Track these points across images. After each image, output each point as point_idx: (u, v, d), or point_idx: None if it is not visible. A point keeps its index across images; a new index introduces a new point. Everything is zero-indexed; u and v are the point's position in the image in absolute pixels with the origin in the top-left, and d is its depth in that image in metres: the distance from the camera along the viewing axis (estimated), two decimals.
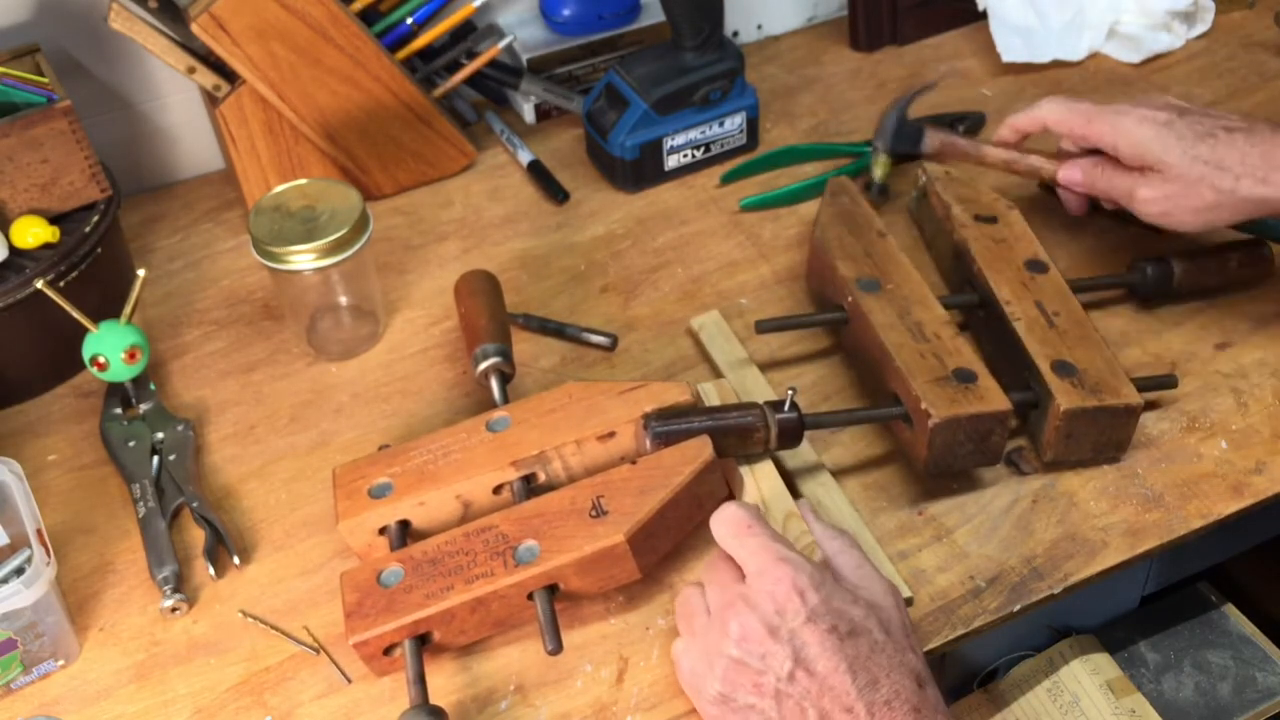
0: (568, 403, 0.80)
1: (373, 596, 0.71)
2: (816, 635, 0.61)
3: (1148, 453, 0.83)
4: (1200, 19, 1.25)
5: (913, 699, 0.60)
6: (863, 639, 0.61)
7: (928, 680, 0.62)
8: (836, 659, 0.60)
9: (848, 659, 0.60)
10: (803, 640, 0.61)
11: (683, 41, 1.05)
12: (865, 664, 0.60)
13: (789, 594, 0.62)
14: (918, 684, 0.61)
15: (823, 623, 0.61)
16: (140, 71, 1.08)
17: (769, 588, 0.63)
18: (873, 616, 0.63)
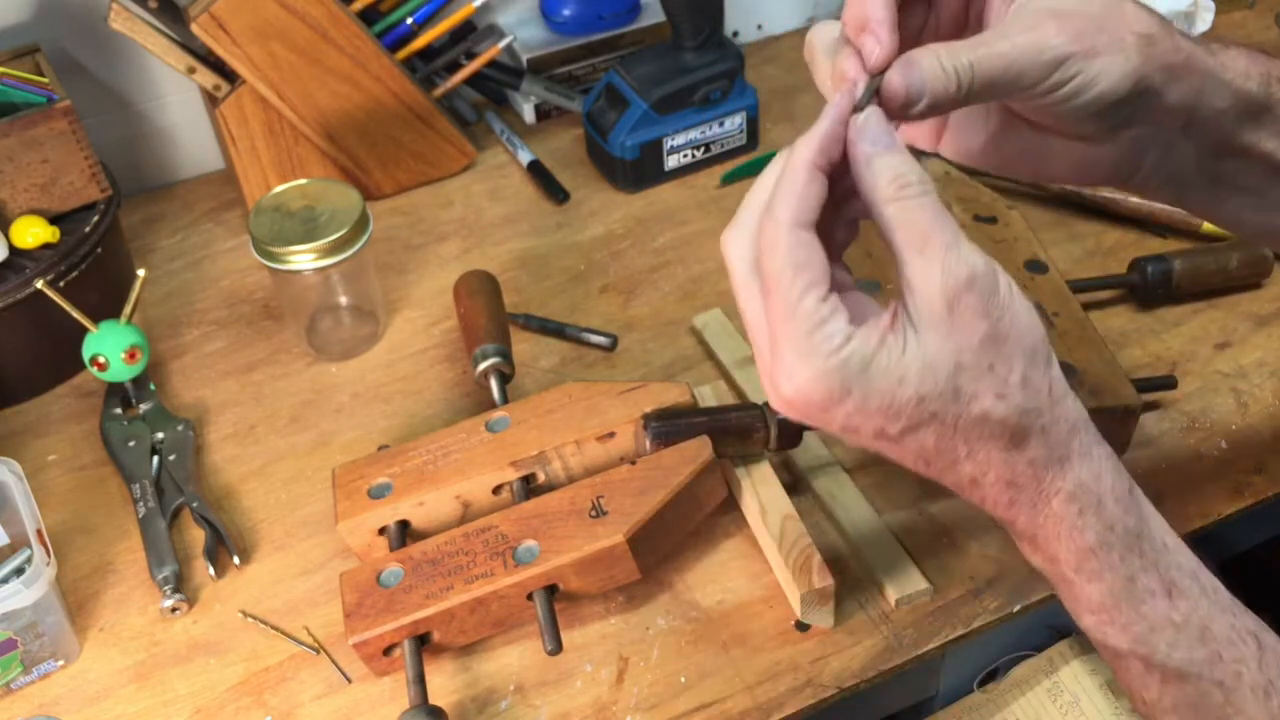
0: (567, 403, 0.80)
1: (372, 596, 0.71)
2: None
3: (1148, 453, 0.83)
4: (1200, 19, 1.25)
5: (1002, 470, 0.50)
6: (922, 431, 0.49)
7: (1033, 432, 0.49)
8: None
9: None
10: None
11: (683, 41, 1.05)
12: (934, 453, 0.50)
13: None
14: (1008, 445, 0.49)
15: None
16: (140, 71, 1.08)
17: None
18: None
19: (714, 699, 0.71)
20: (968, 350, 0.48)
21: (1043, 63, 0.51)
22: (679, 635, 0.75)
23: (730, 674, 0.72)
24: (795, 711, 0.71)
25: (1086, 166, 0.58)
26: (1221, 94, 0.55)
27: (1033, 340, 0.49)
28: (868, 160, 0.48)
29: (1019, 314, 0.48)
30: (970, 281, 0.47)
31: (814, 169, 0.48)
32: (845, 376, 0.47)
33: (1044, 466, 0.50)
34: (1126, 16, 0.53)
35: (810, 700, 0.71)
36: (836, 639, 0.74)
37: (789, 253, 0.47)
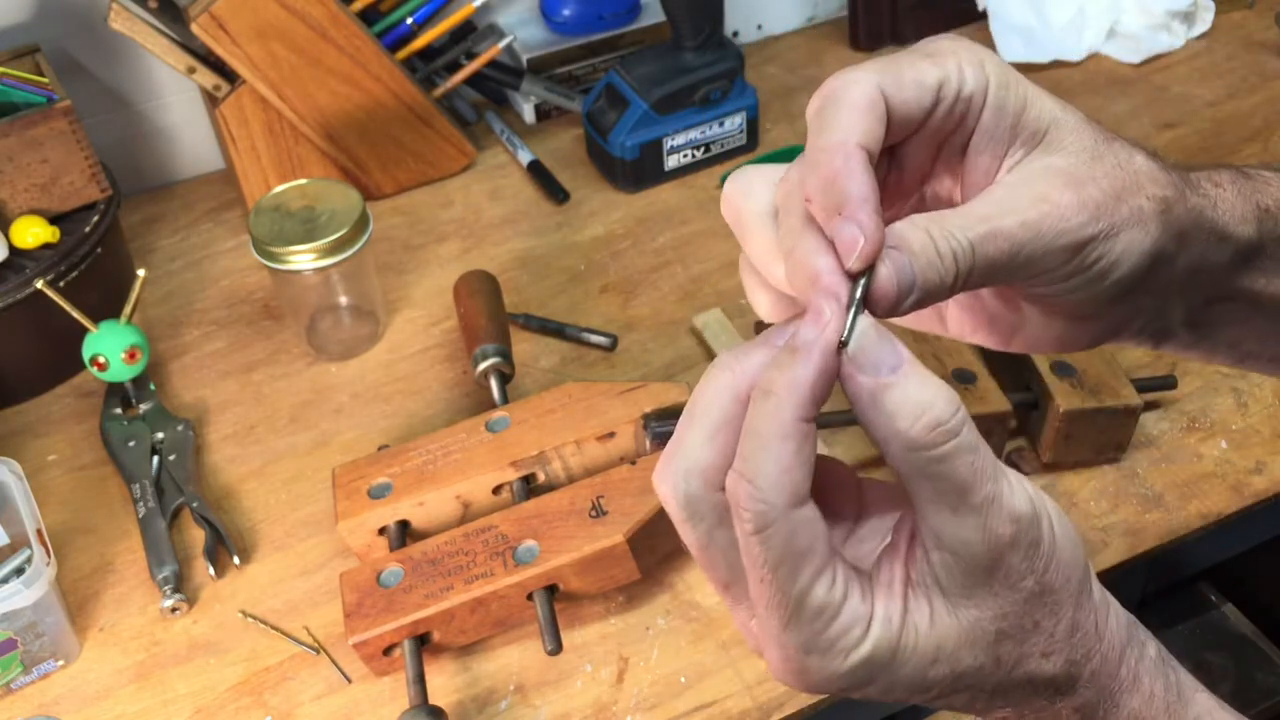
0: (567, 403, 0.80)
1: (373, 597, 0.71)
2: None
3: (1148, 453, 0.83)
4: (1200, 19, 1.25)
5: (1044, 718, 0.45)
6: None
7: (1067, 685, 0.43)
8: None
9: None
10: None
11: (683, 41, 1.05)
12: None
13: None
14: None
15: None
16: (140, 71, 1.08)
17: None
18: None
19: (714, 699, 0.71)
20: (1011, 615, 0.40)
21: (1060, 247, 0.40)
22: (679, 635, 0.75)
23: (730, 674, 0.72)
24: (795, 711, 0.71)
25: (1066, 339, 0.48)
26: (1223, 249, 0.47)
27: (1079, 578, 0.41)
28: (874, 397, 0.37)
29: (1064, 555, 0.40)
30: (1015, 541, 0.38)
31: (803, 428, 0.37)
32: (870, 673, 0.39)
33: (1093, 709, 0.43)
34: (1141, 177, 0.43)
35: (810, 700, 0.71)
36: None
37: (789, 542, 0.37)
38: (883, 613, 0.39)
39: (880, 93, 0.39)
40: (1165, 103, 1.16)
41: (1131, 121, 1.14)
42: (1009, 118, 0.42)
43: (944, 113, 0.41)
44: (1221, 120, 1.14)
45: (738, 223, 0.42)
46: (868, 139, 0.39)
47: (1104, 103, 1.17)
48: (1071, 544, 0.41)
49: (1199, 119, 1.14)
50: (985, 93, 0.41)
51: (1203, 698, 0.45)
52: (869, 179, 0.38)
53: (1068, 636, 0.41)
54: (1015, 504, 0.38)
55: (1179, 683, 0.45)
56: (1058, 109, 0.42)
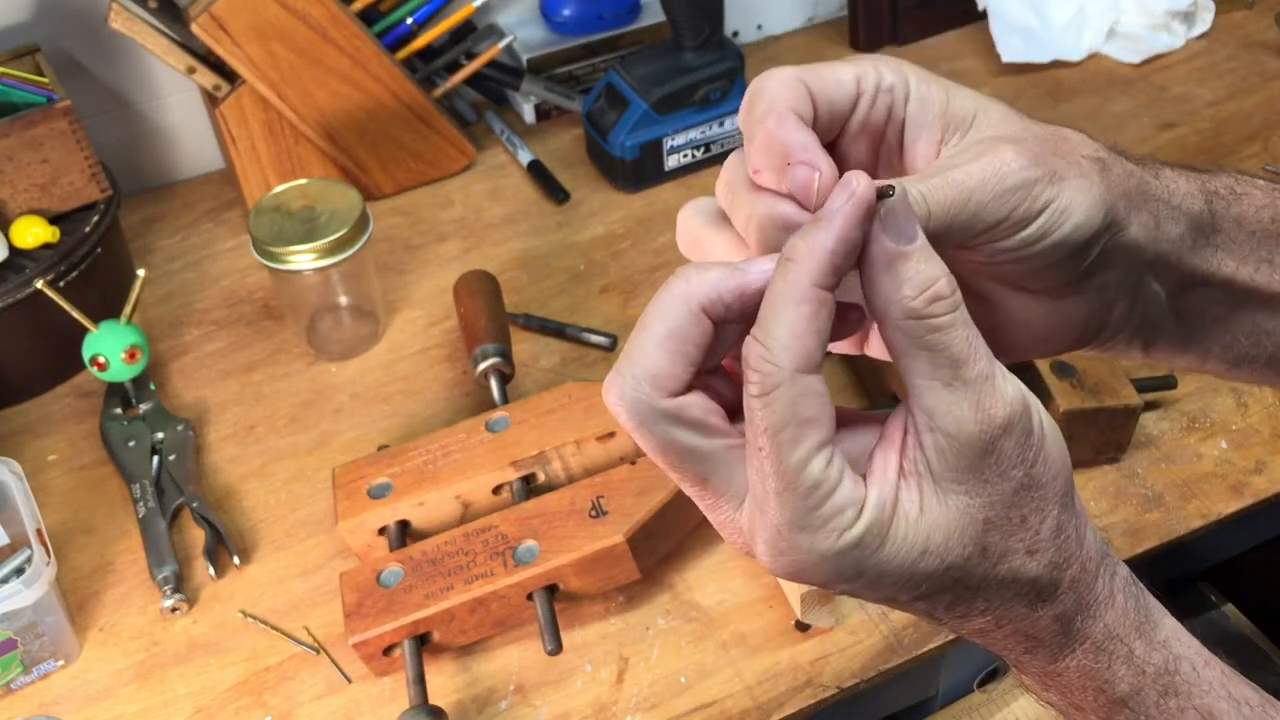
0: (567, 403, 0.80)
1: (372, 597, 0.71)
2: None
3: (1148, 453, 0.83)
4: (1200, 19, 1.25)
5: (1022, 625, 0.44)
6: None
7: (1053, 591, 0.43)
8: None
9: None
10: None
11: (683, 41, 1.05)
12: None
13: None
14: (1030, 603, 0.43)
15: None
16: (140, 71, 1.08)
17: None
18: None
19: (714, 699, 0.71)
20: (1000, 504, 0.40)
21: (1006, 190, 0.41)
22: (679, 635, 0.75)
23: (730, 674, 0.72)
24: (795, 711, 0.71)
25: (1051, 331, 0.48)
26: (1175, 219, 0.48)
27: (1064, 480, 0.42)
28: (890, 262, 0.38)
29: (1052, 451, 0.41)
30: (1008, 424, 0.39)
31: (821, 294, 0.37)
32: (859, 559, 0.39)
33: (1071, 619, 0.44)
34: (1074, 141, 0.45)
35: (810, 700, 0.71)
36: (836, 639, 0.74)
37: (793, 407, 0.37)
38: (875, 498, 0.39)
39: (799, 79, 0.41)
40: (1165, 103, 1.16)
41: (1131, 121, 1.14)
42: (934, 106, 0.43)
43: (868, 104, 0.43)
44: (1221, 120, 1.14)
45: (694, 243, 0.43)
46: (796, 106, 0.40)
47: (1104, 103, 1.17)
48: (1059, 445, 0.41)
49: (1199, 119, 1.14)
50: (906, 86, 0.43)
51: (1170, 621, 0.46)
52: (805, 130, 0.39)
53: (1052, 536, 0.41)
54: (1008, 390, 0.39)
55: (1147, 605, 0.45)
56: (982, 99, 0.44)
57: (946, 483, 0.39)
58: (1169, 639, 0.45)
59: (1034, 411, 0.40)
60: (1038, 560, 0.42)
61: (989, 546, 0.40)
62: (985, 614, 0.43)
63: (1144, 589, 0.46)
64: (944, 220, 0.41)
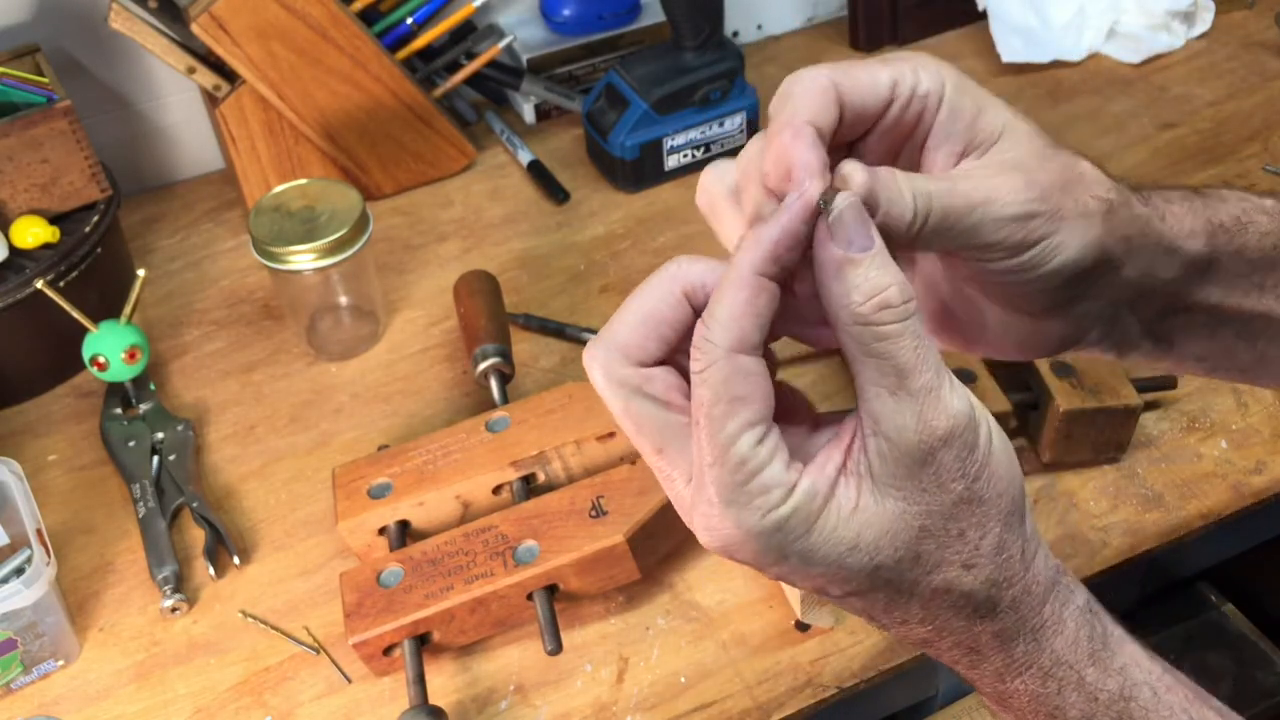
0: (567, 403, 0.80)
1: (372, 596, 0.71)
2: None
3: (1148, 453, 0.83)
4: (1200, 19, 1.25)
5: (963, 638, 0.45)
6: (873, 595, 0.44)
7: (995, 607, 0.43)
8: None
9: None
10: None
11: (683, 41, 1.05)
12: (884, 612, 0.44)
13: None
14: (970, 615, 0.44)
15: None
16: (140, 71, 1.08)
17: None
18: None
19: (714, 699, 0.71)
20: (937, 514, 0.40)
21: (1008, 216, 0.43)
22: (679, 635, 0.75)
23: (730, 674, 0.72)
24: (795, 711, 0.71)
25: (1026, 342, 0.50)
26: (1172, 263, 0.49)
27: (1010, 498, 0.42)
28: (838, 267, 0.39)
29: (998, 469, 0.41)
30: (949, 437, 0.39)
31: (762, 280, 0.39)
32: (783, 541, 0.40)
33: (1012, 640, 0.44)
34: (1087, 179, 0.46)
35: (810, 700, 0.71)
36: (836, 639, 0.74)
37: (725, 384, 0.39)
38: (808, 485, 0.40)
39: (831, 83, 0.43)
40: (1165, 103, 1.16)
41: (1131, 121, 1.14)
42: (964, 119, 0.45)
43: (900, 108, 0.44)
44: (1221, 120, 1.14)
45: (711, 208, 0.45)
46: (818, 118, 0.42)
47: (1104, 103, 1.17)
48: (1008, 463, 0.42)
49: (1199, 119, 1.14)
50: (941, 94, 0.44)
51: (1130, 648, 0.46)
52: (815, 149, 0.41)
53: (993, 554, 0.42)
54: (953, 403, 0.39)
55: (1105, 632, 0.45)
56: (1011, 117, 0.45)
57: (885, 486, 0.40)
58: (1127, 665, 0.45)
59: (981, 427, 0.40)
60: (974, 575, 0.42)
61: (923, 554, 0.41)
62: (924, 623, 0.43)
63: (1102, 614, 0.46)
64: (942, 225, 0.42)
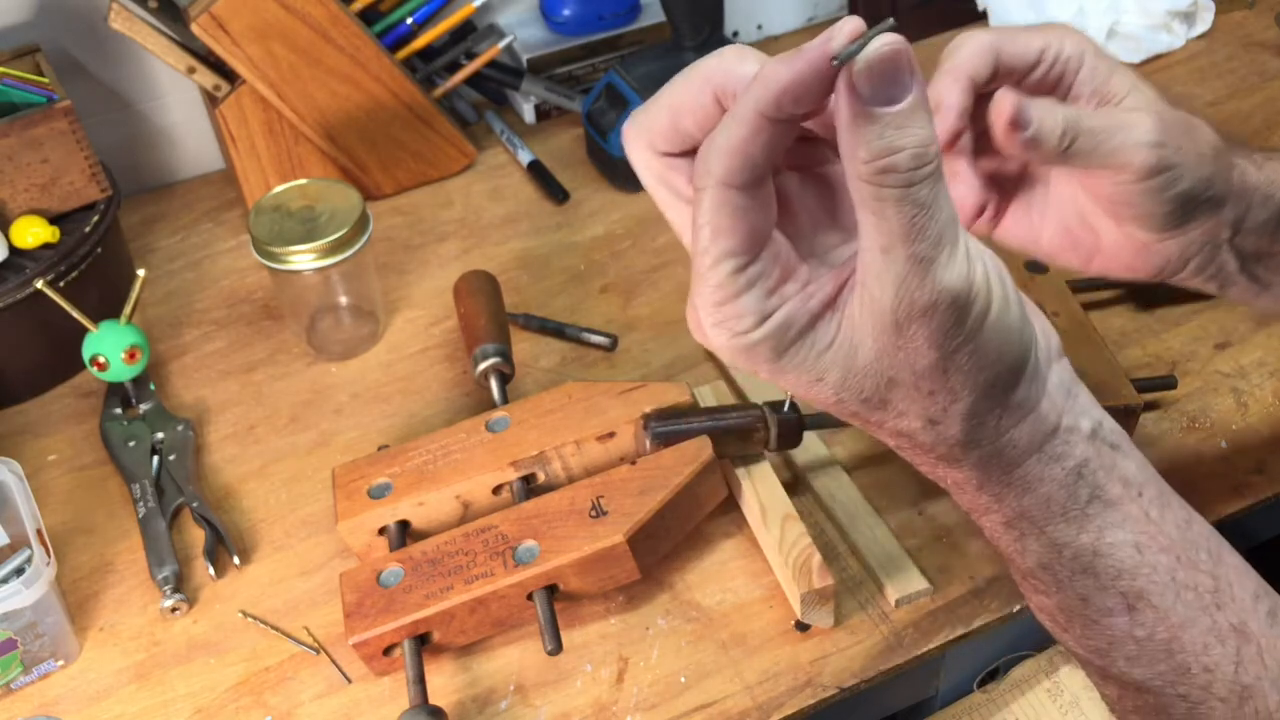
0: (567, 403, 0.80)
1: (372, 597, 0.71)
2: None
3: (1148, 453, 0.82)
4: (1200, 19, 1.25)
5: (931, 470, 0.48)
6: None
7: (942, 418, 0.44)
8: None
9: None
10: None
11: (683, 41, 1.05)
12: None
13: None
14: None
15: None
16: (140, 71, 1.08)
17: None
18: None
19: (714, 699, 0.71)
20: (906, 371, 0.42)
21: (1143, 142, 0.53)
22: (679, 635, 0.75)
23: (730, 674, 0.72)
24: (795, 711, 0.71)
25: (1135, 261, 0.59)
26: (1265, 209, 0.59)
27: (995, 372, 0.43)
28: (852, 119, 0.38)
29: (986, 345, 0.42)
30: (929, 310, 0.40)
31: (760, 119, 0.38)
32: (752, 359, 0.42)
33: (978, 489, 0.47)
34: (1201, 128, 0.57)
35: (810, 700, 0.71)
36: (836, 639, 0.74)
37: (710, 213, 0.40)
38: (781, 317, 0.41)
39: (991, 44, 0.53)
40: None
41: None
42: (1100, 78, 0.55)
43: (1045, 69, 0.55)
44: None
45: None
46: (975, 72, 0.53)
47: None
48: (1000, 340, 0.42)
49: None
50: (1081, 59, 0.55)
51: (1129, 509, 0.48)
52: (964, 94, 0.53)
53: (961, 417, 0.43)
54: (945, 277, 0.39)
55: (1094, 494, 0.47)
56: (1137, 80, 0.56)
57: (862, 333, 0.41)
58: (1112, 525, 0.47)
59: (975, 304, 0.41)
60: (937, 431, 0.44)
61: (889, 400, 0.43)
62: (898, 448, 0.47)
63: (1100, 477, 0.47)
64: (1087, 144, 0.53)
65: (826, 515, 0.80)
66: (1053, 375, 0.46)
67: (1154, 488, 0.49)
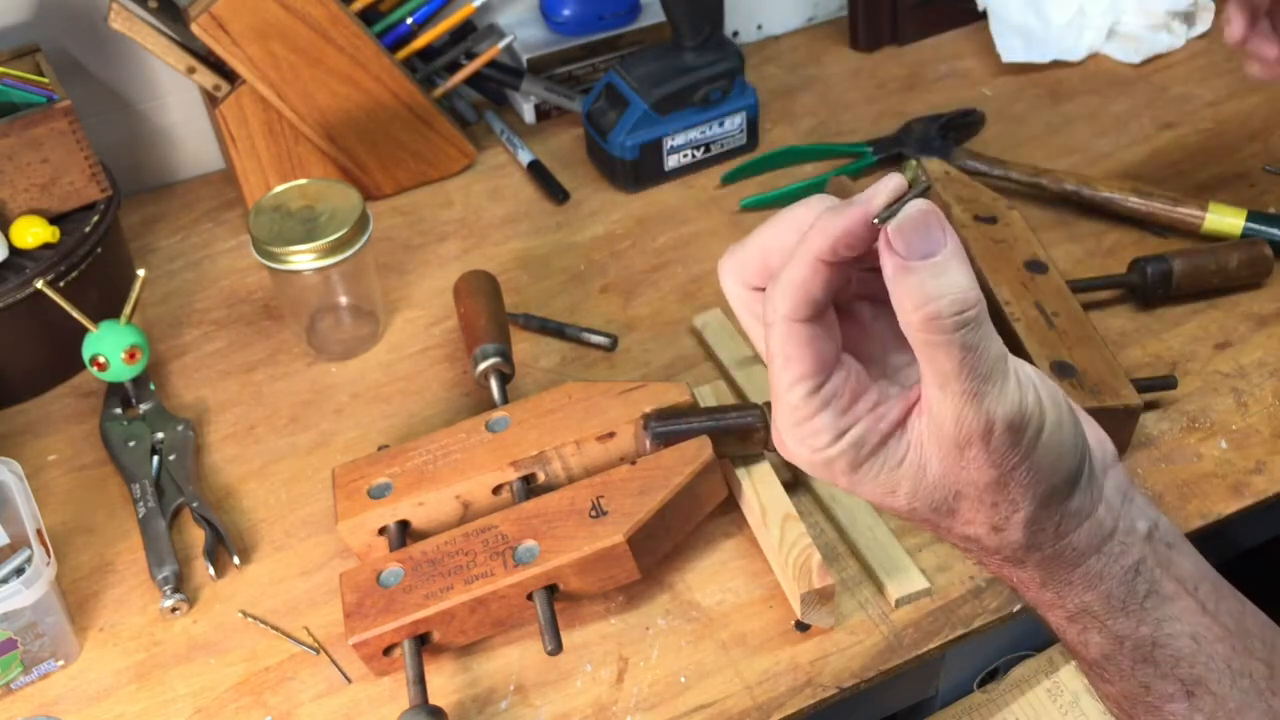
0: (567, 403, 0.80)
1: (372, 597, 0.71)
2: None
3: (1148, 453, 0.83)
4: (1200, 19, 1.25)
5: (998, 570, 0.51)
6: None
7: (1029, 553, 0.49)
8: None
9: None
10: None
11: (683, 41, 1.05)
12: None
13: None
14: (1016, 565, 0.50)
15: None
16: (140, 71, 1.08)
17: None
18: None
19: (714, 699, 0.71)
20: (971, 487, 0.45)
21: None
22: (679, 635, 0.75)
23: (730, 674, 0.72)
24: (795, 711, 0.71)
25: None
26: None
27: (1055, 482, 0.46)
28: (894, 272, 0.42)
29: (1041, 461, 0.45)
30: (986, 433, 0.43)
31: (818, 263, 0.43)
32: (831, 474, 0.47)
33: (1041, 586, 0.50)
34: None
35: (810, 700, 0.71)
36: (836, 639, 0.74)
37: (780, 343, 0.45)
38: (856, 435, 0.45)
39: None
40: (1165, 103, 1.16)
41: (1132, 121, 1.14)
42: None
43: None
44: (1221, 120, 1.14)
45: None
46: None
47: (1104, 103, 1.17)
48: (1055, 456, 0.45)
49: (1199, 119, 1.14)
50: None
51: (1185, 604, 0.50)
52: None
53: (1022, 525, 0.47)
54: (998, 407, 0.43)
55: (1151, 590, 0.50)
56: None
57: (930, 453, 0.45)
58: (1169, 618, 0.50)
59: (1029, 427, 0.44)
60: (1001, 538, 0.47)
61: (958, 510, 0.47)
62: (963, 549, 0.50)
63: (1156, 573, 0.50)
64: None
65: (826, 515, 0.80)
66: (1109, 482, 0.49)
67: (1209, 583, 0.51)
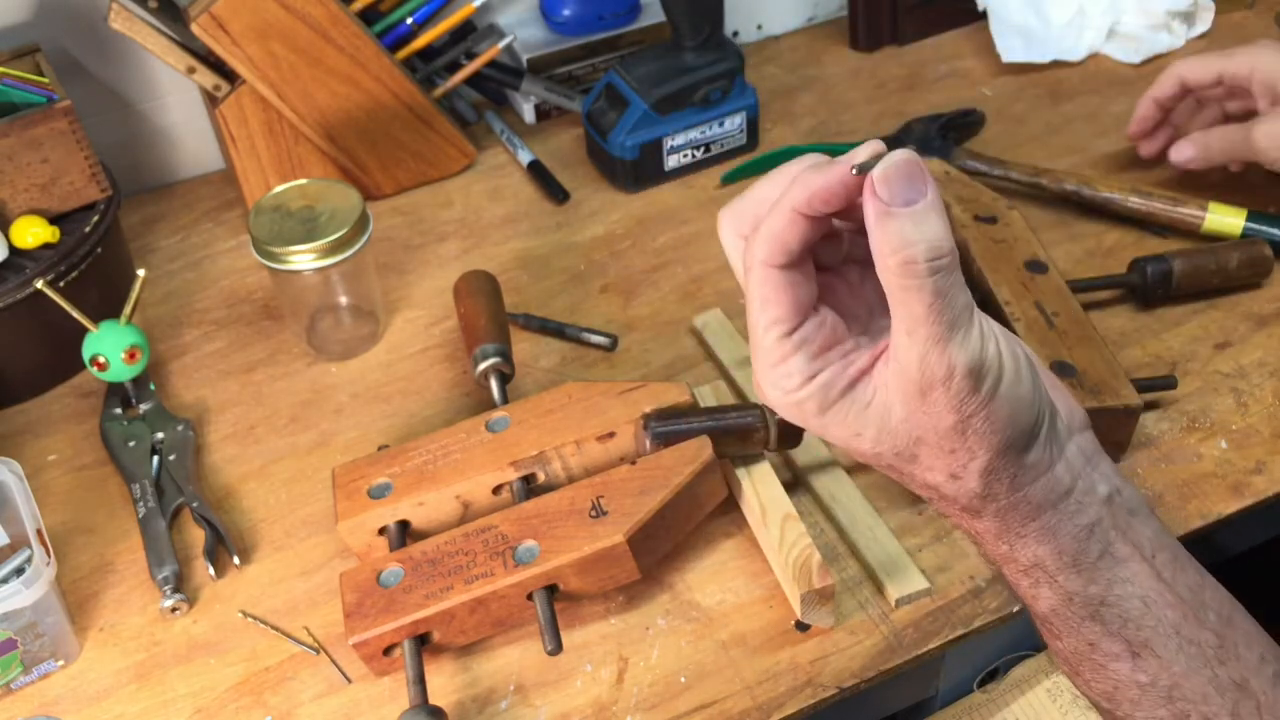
0: (567, 403, 0.80)
1: (372, 597, 0.71)
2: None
3: (1148, 453, 0.83)
4: (1200, 19, 1.25)
5: (958, 518, 0.53)
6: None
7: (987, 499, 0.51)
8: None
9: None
10: None
11: (683, 41, 1.05)
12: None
13: None
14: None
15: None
16: (140, 71, 1.08)
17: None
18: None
19: (714, 699, 0.71)
20: (931, 432, 0.48)
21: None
22: (679, 635, 0.75)
23: (730, 674, 0.72)
24: (795, 711, 0.71)
25: None
26: None
27: (1013, 433, 0.48)
28: (876, 217, 0.45)
29: (999, 410, 0.47)
30: (947, 378, 0.46)
31: (794, 214, 0.46)
32: (801, 415, 0.49)
33: (997, 538, 0.52)
34: None
35: (810, 700, 0.71)
36: (836, 639, 0.74)
37: (758, 286, 0.48)
38: (825, 378, 0.48)
39: (1179, 74, 0.97)
40: None
41: None
42: (1274, 93, 0.90)
43: (1226, 87, 0.96)
44: None
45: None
46: (1159, 98, 1.00)
47: (1104, 103, 1.17)
48: (1011, 408, 0.48)
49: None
50: (1251, 78, 0.92)
51: (1137, 568, 0.52)
52: (1153, 110, 0.99)
53: (979, 474, 0.49)
54: (960, 354, 0.45)
55: (1105, 551, 0.51)
56: None
57: (894, 397, 0.48)
58: (1120, 580, 0.51)
59: (988, 378, 0.46)
60: (958, 485, 0.49)
61: (918, 456, 0.49)
62: (929, 500, 0.52)
63: (1112, 535, 0.52)
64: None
65: (826, 515, 0.80)
66: (1072, 444, 0.52)
67: (1168, 552, 0.53)
